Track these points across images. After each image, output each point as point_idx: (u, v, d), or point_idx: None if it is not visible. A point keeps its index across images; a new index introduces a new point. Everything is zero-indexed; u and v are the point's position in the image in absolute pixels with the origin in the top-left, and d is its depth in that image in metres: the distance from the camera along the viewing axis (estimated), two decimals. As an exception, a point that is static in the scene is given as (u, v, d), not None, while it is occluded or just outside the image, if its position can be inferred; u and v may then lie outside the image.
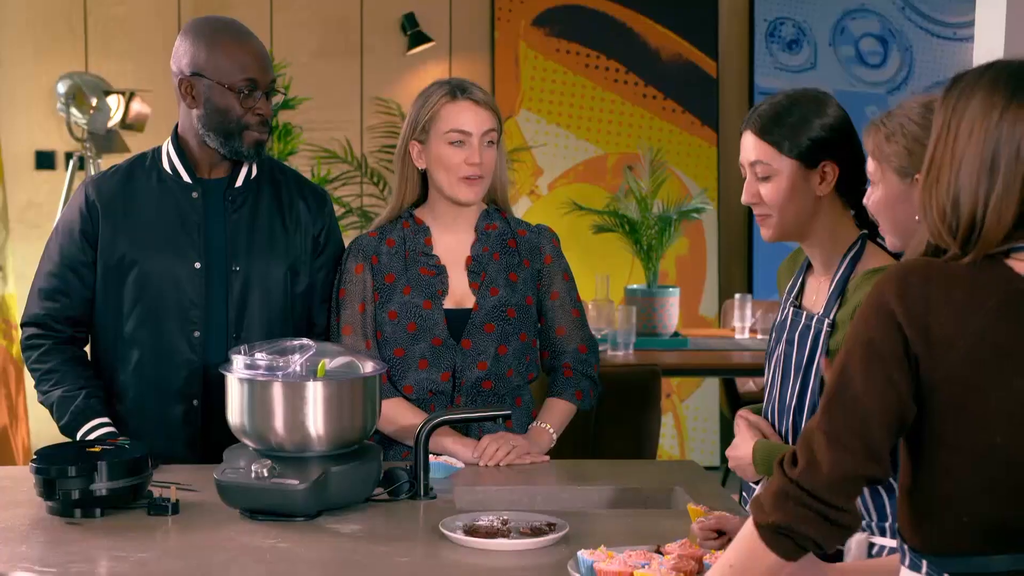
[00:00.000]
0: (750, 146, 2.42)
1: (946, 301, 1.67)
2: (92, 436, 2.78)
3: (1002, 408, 1.67)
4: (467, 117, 2.88)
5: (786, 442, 2.44)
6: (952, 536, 1.71)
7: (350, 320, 2.91)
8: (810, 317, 2.41)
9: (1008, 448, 1.67)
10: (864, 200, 2.27)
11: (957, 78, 1.77)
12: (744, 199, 2.46)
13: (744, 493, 2.57)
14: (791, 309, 2.48)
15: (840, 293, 2.38)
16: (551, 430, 2.93)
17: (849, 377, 1.70)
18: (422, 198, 3.00)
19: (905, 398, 1.68)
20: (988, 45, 3.06)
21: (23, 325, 2.93)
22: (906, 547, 1.77)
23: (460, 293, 2.94)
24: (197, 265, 2.85)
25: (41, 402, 2.89)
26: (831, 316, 2.37)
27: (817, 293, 2.46)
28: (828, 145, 2.38)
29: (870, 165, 2.24)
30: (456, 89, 2.89)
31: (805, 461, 1.72)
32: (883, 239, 2.30)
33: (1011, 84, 1.72)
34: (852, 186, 2.38)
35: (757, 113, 2.42)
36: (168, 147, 2.92)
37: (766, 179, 2.41)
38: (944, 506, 1.71)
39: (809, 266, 2.51)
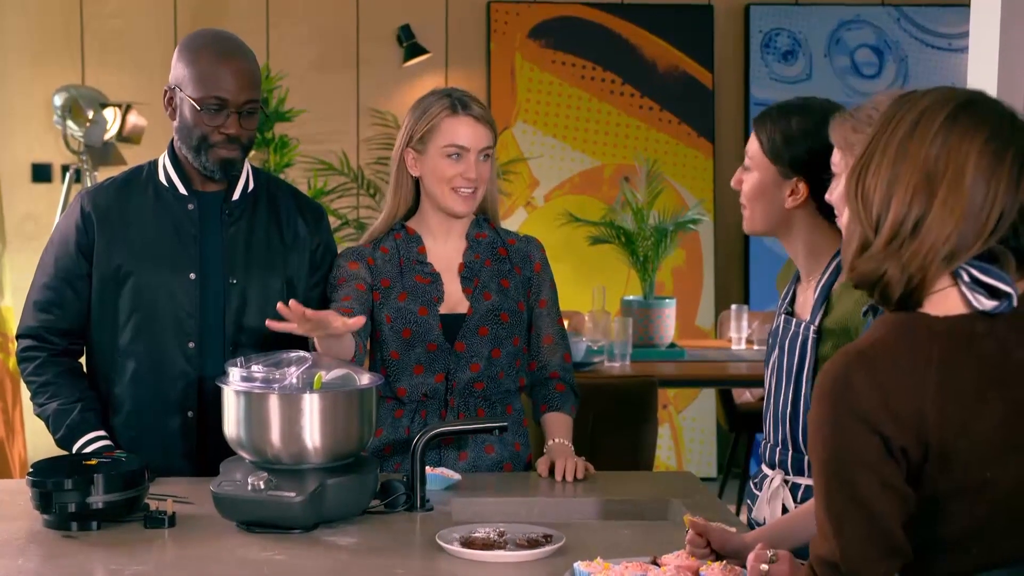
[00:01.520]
0: (753, 134, 2.47)
1: (897, 376, 1.64)
2: (88, 449, 2.78)
3: (983, 442, 1.65)
4: (466, 133, 2.89)
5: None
6: None
7: (348, 292, 2.90)
8: (799, 324, 2.43)
9: (997, 480, 1.66)
10: (827, 195, 2.26)
11: (915, 90, 1.75)
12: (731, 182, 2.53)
13: (748, 501, 2.56)
14: (783, 316, 2.50)
15: (824, 300, 2.39)
16: (568, 444, 2.96)
17: (849, 496, 1.65)
18: (414, 208, 3.01)
19: (907, 492, 1.66)
20: (982, 56, 3.07)
21: (18, 337, 2.93)
22: None
23: (454, 299, 2.95)
24: (192, 276, 2.85)
25: (37, 415, 2.89)
26: (816, 323, 2.38)
27: (804, 300, 2.47)
28: (806, 164, 2.39)
29: (835, 156, 2.23)
30: (457, 103, 2.91)
31: None
32: None
33: (968, 100, 1.68)
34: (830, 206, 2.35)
35: (768, 108, 2.46)
36: (164, 160, 2.92)
37: (748, 170, 2.47)
38: (949, 556, 1.69)
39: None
